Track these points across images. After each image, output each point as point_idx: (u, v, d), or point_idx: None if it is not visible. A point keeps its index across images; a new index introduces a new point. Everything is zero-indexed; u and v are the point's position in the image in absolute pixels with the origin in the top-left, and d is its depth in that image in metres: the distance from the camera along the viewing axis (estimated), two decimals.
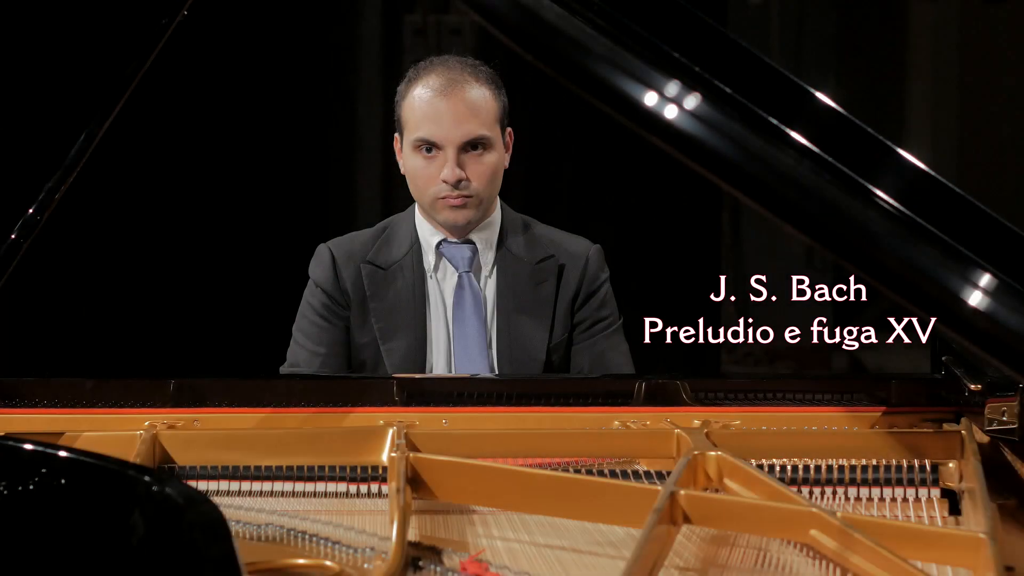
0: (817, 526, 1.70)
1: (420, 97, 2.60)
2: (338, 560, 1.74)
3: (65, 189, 2.17)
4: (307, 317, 2.69)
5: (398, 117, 2.66)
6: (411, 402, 2.25)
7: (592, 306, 2.70)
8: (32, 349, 4.30)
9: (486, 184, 2.61)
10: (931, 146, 5.85)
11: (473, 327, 2.63)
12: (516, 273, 2.66)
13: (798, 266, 5.29)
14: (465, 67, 2.63)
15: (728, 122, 1.49)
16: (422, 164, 2.60)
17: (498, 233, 2.68)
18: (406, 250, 2.67)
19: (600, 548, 1.81)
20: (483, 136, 2.59)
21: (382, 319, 2.64)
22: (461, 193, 2.59)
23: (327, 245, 2.71)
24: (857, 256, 1.48)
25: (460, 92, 2.59)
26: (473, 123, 2.58)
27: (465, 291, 2.65)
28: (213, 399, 2.23)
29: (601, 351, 2.69)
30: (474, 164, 2.59)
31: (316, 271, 2.70)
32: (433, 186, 2.59)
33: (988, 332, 1.44)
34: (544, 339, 2.65)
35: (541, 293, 2.67)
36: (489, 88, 2.63)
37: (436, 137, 2.58)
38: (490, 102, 2.62)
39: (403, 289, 2.65)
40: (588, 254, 2.72)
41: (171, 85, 4.30)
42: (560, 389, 2.29)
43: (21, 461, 1.64)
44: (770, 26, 5.61)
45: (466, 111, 2.58)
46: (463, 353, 2.63)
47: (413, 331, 2.63)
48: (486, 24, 1.53)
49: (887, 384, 2.27)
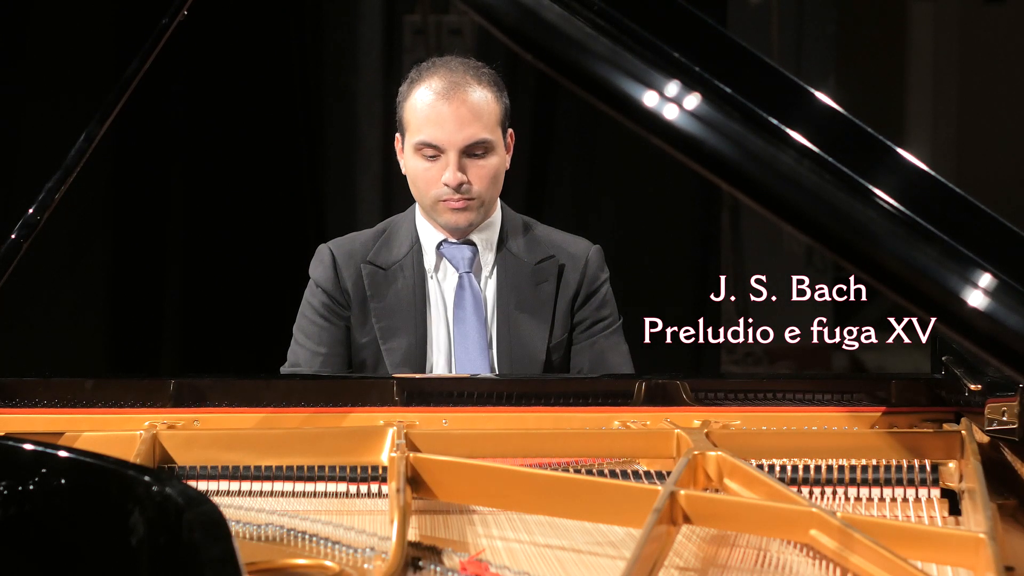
0: (817, 526, 1.70)
1: (422, 99, 2.59)
2: (338, 560, 1.74)
3: (65, 189, 2.17)
4: (307, 317, 2.69)
5: (400, 118, 2.65)
6: (411, 402, 2.25)
7: (592, 306, 2.71)
8: (33, 349, 4.30)
9: (487, 187, 2.61)
10: (931, 146, 5.85)
11: (473, 327, 2.63)
12: (516, 273, 2.66)
13: (798, 266, 5.30)
14: (467, 69, 2.62)
15: (728, 122, 1.49)
16: (424, 166, 2.60)
17: (498, 233, 2.68)
18: (406, 250, 2.67)
19: (600, 548, 1.81)
20: (485, 139, 2.59)
21: (383, 319, 2.64)
22: (463, 196, 2.59)
23: (327, 245, 2.71)
24: (857, 256, 1.48)
25: (462, 95, 2.58)
26: (475, 127, 2.58)
27: (466, 291, 2.65)
28: (213, 399, 2.23)
29: (601, 351, 2.70)
30: (475, 167, 2.59)
31: (317, 271, 2.70)
32: (434, 188, 2.60)
33: (988, 332, 1.44)
34: (544, 339, 2.66)
35: (541, 293, 2.67)
36: (491, 90, 2.62)
37: (438, 140, 2.58)
38: (492, 105, 2.61)
39: (403, 289, 2.65)
40: (588, 254, 2.72)
41: (171, 85, 4.31)
42: (560, 389, 2.29)
43: (21, 461, 1.64)
44: (770, 26, 5.61)
45: (468, 115, 2.57)
46: (463, 353, 2.63)
47: (414, 331, 2.63)
48: (486, 24, 1.53)
49: (887, 384, 2.27)
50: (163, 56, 2.27)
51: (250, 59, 4.49)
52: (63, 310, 4.42)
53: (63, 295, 4.40)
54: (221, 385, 2.24)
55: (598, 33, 1.51)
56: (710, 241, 4.74)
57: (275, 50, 4.55)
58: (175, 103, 4.42)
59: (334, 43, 4.71)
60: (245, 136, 4.50)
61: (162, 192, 4.51)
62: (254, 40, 4.50)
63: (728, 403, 2.27)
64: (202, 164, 4.53)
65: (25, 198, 2.15)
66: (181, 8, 2.26)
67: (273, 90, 4.55)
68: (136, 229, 4.50)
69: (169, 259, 4.54)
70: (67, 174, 2.18)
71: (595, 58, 1.50)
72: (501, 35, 1.53)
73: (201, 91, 4.47)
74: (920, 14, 5.90)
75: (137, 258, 4.51)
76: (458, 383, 2.34)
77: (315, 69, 4.66)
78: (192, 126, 4.50)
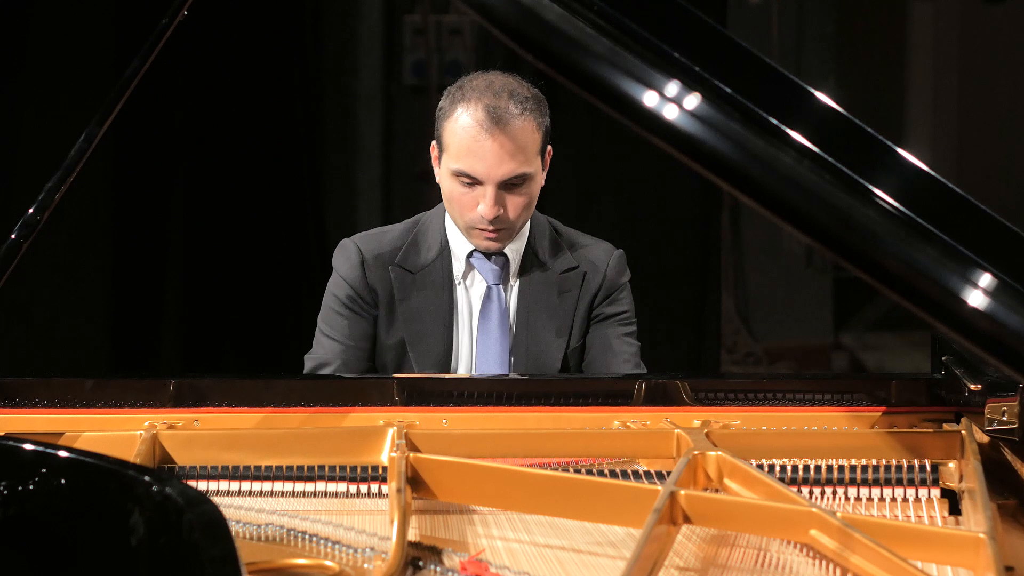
0: (817, 526, 1.70)
1: (463, 128, 2.52)
2: (338, 560, 1.74)
3: (65, 189, 2.17)
4: (333, 308, 2.65)
5: (438, 133, 2.58)
6: (411, 402, 2.25)
7: (608, 303, 2.69)
8: (33, 349, 4.30)
9: (522, 213, 2.57)
10: (931, 146, 5.85)
11: (495, 337, 2.62)
12: (542, 282, 2.65)
13: (798, 266, 5.30)
14: (512, 96, 2.53)
15: (728, 122, 1.49)
16: (460, 191, 2.55)
17: (527, 241, 2.67)
18: (435, 255, 2.64)
19: (600, 548, 1.81)
20: (524, 173, 2.53)
21: (411, 323, 2.61)
22: (497, 227, 2.57)
23: (354, 241, 2.67)
24: (857, 256, 1.48)
25: (504, 130, 2.50)
26: (515, 161, 2.51)
27: (492, 302, 2.63)
28: (213, 399, 2.23)
29: (608, 339, 2.66)
30: (513, 198, 2.54)
31: (343, 266, 2.66)
32: (470, 213, 2.55)
33: (988, 332, 1.44)
34: (562, 347, 2.65)
35: (564, 303, 2.66)
36: (533, 118, 2.54)
37: (477, 173, 2.52)
38: (533, 135, 2.54)
39: (431, 295, 2.62)
40: (610, 259, 2.71)
41: (171, 85, 4.31)
42: (560, 389, 2.29)
43: (21, 461, 1.64)
44: (770, 26, 5.62)
45: (509, 150, 2.51)
46: (484, 360, 2.62)
47: (442, 338, 2.62)
48: (486, 24, 1.53)
49: (887, 384, 2.28)
50: (163, 56, 2.27)
51: (250, 59, 4.49)
52: (63, 310, 4.42)
53: (63, 295, 4.39)
54: (221, 385, 2.24)
55: (598, 33, 1.51)
56: (710, 241, 4.73)
57: (275, 50, 4.55)
58: (175, 103, 4.42)
59: (334, 43, 4.71)
60: (245, 136, 4.50)
61: (162, 192, 4.51)
62: (254, 40, 4.50)
63: (728, 403, 2.27)
64: (202, 164, 4.53)
65: (25, 198, 2.15)
66: (181, 8, 2.26)
67: (273, 90, 4.55)
68: (136, 229, 4.50)
69: (169, 259, 4.54)
70: (67, 174, 2.18)
71: (595, 58, 1.50)
72: (501, 35, 1.53)
73: (201, 91, 4.47)
74: (920, 14, 5.90)
75: (137, 258, 4.51)
76: (458, 383, 2.33)
77: (315, 69, 4.67)
78: (192, 126, 4.50)
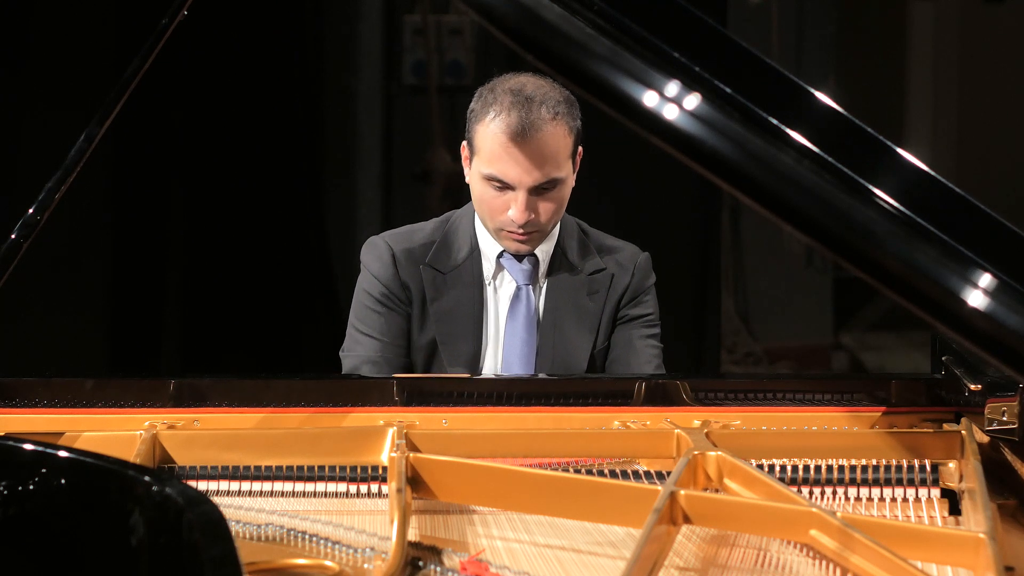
0: (817, 526, 1.70)
1: (494, 134, 2.51)
2: (338, 560, 1.74)
3: (65, 189, 2.17)
4: (366, 306, 2.64)
5: (469, 135, 2.58)
6: (411, 402, 2.25)
7: (633, 305, 2.69)
8: (33, 349, 4.30)
9: (552, 216, 2.57)
10: (931, 146, 5.85)
11: (522, 338, 2.62)
12: (569, 282, 2.65)
13: (798, 266, 5.30)
14: (544, 100, 2.52)
15: (728, 122, 1.49)
16: (491, 194, 2.55)
17: (556, 242, 2.67)
18: (465, 255, 2.64)
19: (600, 548, 1.81)
20: (556, 178, 2.53)
21: (443, 323, 2.61)
22: (528, 231, 2.56)
23: (384, 240, 2.66)
24: (857, 256, 1.48)
25: (536, 136, 2.49)
26: (547, 167, 2.51)
27: (521, 303, 2.62)
28: (213, 399, 2.23)
29: (632, 341, 2.66)
30: (544, 201, 2.54)
31: (374, 265, 2.65)
32: (500, 217, 2.55)
33: (988, 332, 1.44)
34: (588, 348, 2.64)
35: (591, 304, 2.66)
36: (564, 123, 2.54)
37: (508, 179, 2.51)
38: (564, 140, 2.54)
39: (462, 295, 2.62)
40: (637, 261, 2.71)
41: (170, 85, 4.31)
42: (560, 389, 2.29)
43: (21, 461, 1.64)
44: (770, 26, 5.61)
45: (541, 157, 2.50)
46: (510, 360, 2.62)
47: (472, 338, 2.62)
48: (486, 24, 1.53)
49: (887, 384, 2.27)
50: (163, 56, 2.27)
51: (250, 59, 4.49)
52: (63, 310, 4.42)
53: (63, 295, 4.39)
54: (221, 385, 2.24)
55: (598, 33, 1.51)
56: (710, 241, 4.73)
57: (275, 50, 4.55)
58: (175, 103, 4.42)
59: (334, 43, 4.71)
60: (245, 136, 4.50)
61: (162, 192, 4.51)
62: (254, 40, 4.50)
63: (728, 403, 2.27)
64: (202, 164, 4.53)
65: (25, 198, 2.15)
66: (181, 8, 2.26)
67: (273, 90, 4.55)
68: (136, 229, 4.50)
69: (169, 259, 4.54)
70: (67, 174, 2.17)
71: (595, 58, 1.50)
72: (501, 35, 1.53)
73: (201, 91, 4.47)
74: (920, 14, 5.90)
75: (137, 258, 4.51)
76: (458, 383, 2.33)
77: (315, 69, 4.67)
78: (192, 126, 4.50)
